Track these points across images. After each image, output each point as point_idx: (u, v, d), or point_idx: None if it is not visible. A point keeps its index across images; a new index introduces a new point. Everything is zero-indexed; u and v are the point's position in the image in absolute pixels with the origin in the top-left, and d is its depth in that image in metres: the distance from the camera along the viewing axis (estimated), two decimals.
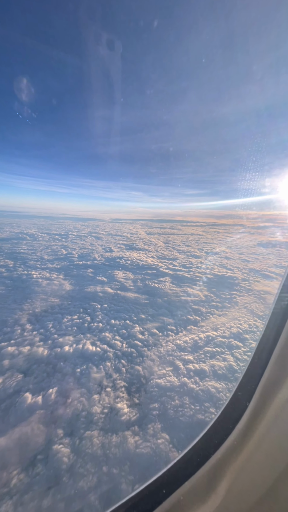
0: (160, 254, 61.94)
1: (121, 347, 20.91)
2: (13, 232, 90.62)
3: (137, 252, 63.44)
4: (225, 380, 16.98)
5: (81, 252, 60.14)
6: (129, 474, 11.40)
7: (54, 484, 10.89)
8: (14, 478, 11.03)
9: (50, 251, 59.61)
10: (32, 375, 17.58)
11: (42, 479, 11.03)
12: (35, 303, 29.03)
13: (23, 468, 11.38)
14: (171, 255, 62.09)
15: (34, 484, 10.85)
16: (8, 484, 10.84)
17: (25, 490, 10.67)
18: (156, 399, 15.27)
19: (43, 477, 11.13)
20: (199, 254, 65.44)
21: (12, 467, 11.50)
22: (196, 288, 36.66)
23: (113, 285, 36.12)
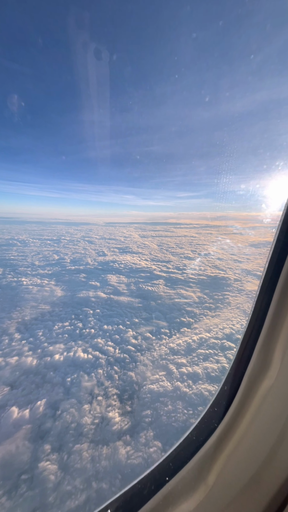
0: (154, 257, 61.68)
1: (113, 353, 20.32)
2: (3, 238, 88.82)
3: (131, 255, 63.00)
4: (218, 382, 16.57)
5: (74, 257, 59.23)
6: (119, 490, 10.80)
7: (39, 506, 10.19)
8: None
9: (41, 256, 58.48)
10: (20, 387, 16.78)
11: (26, 502, 10.31)
12: (24, 311, 28.12)
13: (6, 491, 10.63)
14: (165, 257, 61.95)
15: (17, 507, 10.13)
16: None
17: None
18: (149, 405, 14.77)
19: (27, 499, 10.41)
20: (192, 256, 65.64)
21: None
22: (190, 290, 36.46)
23: (106, 289, 35.50)
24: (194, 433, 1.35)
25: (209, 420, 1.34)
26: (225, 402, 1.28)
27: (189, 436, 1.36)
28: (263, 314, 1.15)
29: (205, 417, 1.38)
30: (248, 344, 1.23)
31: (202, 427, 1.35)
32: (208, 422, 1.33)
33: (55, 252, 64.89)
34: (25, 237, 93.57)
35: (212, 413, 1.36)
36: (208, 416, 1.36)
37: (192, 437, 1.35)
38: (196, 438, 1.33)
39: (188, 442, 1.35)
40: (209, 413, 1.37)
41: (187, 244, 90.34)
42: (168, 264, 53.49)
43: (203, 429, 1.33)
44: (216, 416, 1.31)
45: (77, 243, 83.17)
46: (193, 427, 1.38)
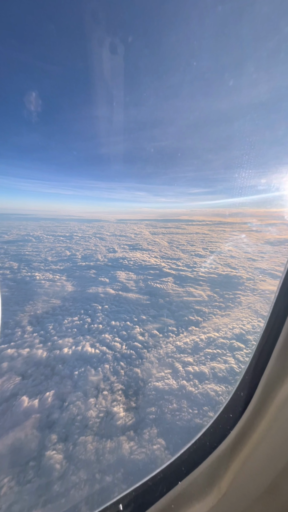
0: (164, 254, 61.29)
1: (120, 348, 20.54)
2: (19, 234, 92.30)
3: (141, 252, 63.03)
4: (225, 383, 16.31)
5: (85, 253, 60.32)
6: (123, 483, 10.98)
7: (44, 492, 10.61)
8: (5, 486, 10.82)
9: (54, 252, 60.14)
10: (30, 377, 17.46)
11: (33, 487, 10.77)
12: (36, 305, 29.12)
13: (14, 476, 11.16)
14: (175, 254, 61.34)
15: (24, 492, 10.61)
16: None
17: (15, 499, 10.43)
18: (154, 402, 14.79)
19: (34, 484, 10.87)
20: (204, 254, 64.41)
21: (3, 474, 11.30)
22: (199, 288, 35.87)
23: (115, 285, 35.85)
24: (206, 436, 1.33)
25: (222, 424, 1.31)
26: (239, 407, 1.24)
27: (201, 439, 1.33)
28: (282, 316, 1.11)
29: (218, 421, 1.34)
30: (265, 347, 1.18)
31: (214, 431, 1.32)
32: (221, 426, 1.30)
33: (67, 248, 66.44)
34: (40, 233, 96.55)
35: (225, 417, 1.32)
36: (221, 419, 1.33)
37: (204, 439, 1.32)
38: (208, 441, 1.30)
39: (199, 444, 1.31)
40: (222, 416, 1.34)
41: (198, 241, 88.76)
42: (178, 261, 52.94)
43: (215, 432, 1.30)
44: (229, 420, 1.27)
45: (89, 239, 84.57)
46: (205, 429, 1.35)
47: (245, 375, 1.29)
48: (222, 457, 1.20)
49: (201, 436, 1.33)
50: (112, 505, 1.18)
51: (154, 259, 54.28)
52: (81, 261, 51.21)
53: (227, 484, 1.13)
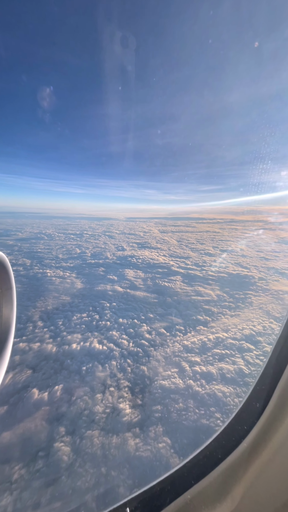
0: (173, 253, 60.87)
1: (127, 346, 20.71)
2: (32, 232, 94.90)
3: (149, 250, 62.99)
4: (233, 385, 16.02)
5: (94, 251, 61.15)
6: (128, 478, 11.12)
7: (53, 482, 10.96)
8: (16, 473, 11.28)
9: (65, 250, 61.41)
10: (40, 371, 18.02)
11: (42, 476, 11.16)
12: (47, 301, 29.93)
13: (25, 464, 11.61)
14: (184, 253, 60.75)
15: (34, 480, 11.01)
16: (10, 479, 11.11)
17: (25, 486, 10.86)
18: (160, 401, 14.82)
19: (43, 474, 11.25)
20: (214, 252, 63.32)
21: (15, 462, 11.80)
22: (208, 288, 35.35)
23: (123, 283, 36.10)
24: (218, 442, 1.27)
25: (235, 431, 1.26)
26: (254, 414, 1.19)
27: (212, 444, 1.28)
28: None
29: (231, 427, 1.29)
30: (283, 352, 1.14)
31: (227, 437, 1.27)
32: (235, 433, 1.25)
33: (78, 246, 67.61)
34: (52, 231, 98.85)
35: (239, 423, 1.27)
36: (235, 426, 1.28)
37: (215, 446, 1.27)
38: (220, 448, 1.24)
39: (211, 450, 1.26)
40: (235, 423, 1.29)
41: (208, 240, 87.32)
42: (187, 260, 52.40)
43: (228, 439, 1.25)
44: (243, 427, 1.22)
45: (98, 237, 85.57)
46: (216, 435, 1.30)
47: (259, 380, 1.23)
48: (235, 466, 1.15)
49: (213, 442, 1.29)
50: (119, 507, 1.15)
51: (162, 258, 54.06)
52: (91, 259, 51.97)
53: (241, 495, 1.09)
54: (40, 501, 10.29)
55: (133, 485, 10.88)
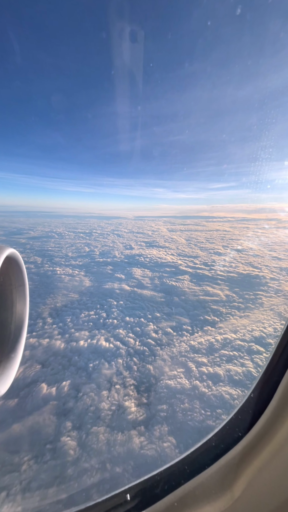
0: (181, 252, 60.36)
1: (134, 344, 20.81)
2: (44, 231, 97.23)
3: (157, 249, 62.81)
4: (241, 387, 15.70)
5: (103, 249, 61.79)
6: (132, 476, 11.20)
7: (59, 475, 11.25)
8: (25, 464, 11.67)
9: (74, 248, 62.48)
10: (49, 366, 18.49)
11: (49, 468, 11.48)
12: (56, 298, 30.61)
13: (33, 455, 11.98)
14: (192, 252, 60.09)
15: (41, 472, 11.35)
16: (19, 469, 11.51)
17: (34, 477, 11.22)
18: (165, 400, 14.80)
19: (50, 466, 11.57)
20: (223, 252, 62.19)
21: (24, 453, 12.20)
22: (217, 287, 34.78)
23: (131, 282, 36.25)
24: (219, 437, 1.26)
25: (237, 426, 1.25)
26: (256, 409, 1.18)
27: (213, 439, 1.27)
28: None
29: (232, 422, 1.28)
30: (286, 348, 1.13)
31: (228, 432, 1.26)
32: (236, 428, 1.24)
33: (87, 244, 68.57)
34: (62, 230, 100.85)
35: (241, 418, 1.26)
36: (236, 421, 1.27)
37: (216, 440, 1.26)
38: (221, 442, 1.24)
39: (211, 444, 1.26)
40: (237, 417, 1.28)
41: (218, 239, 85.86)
42: (195, 259, 51.79)
43: (229, 434, 1.24)
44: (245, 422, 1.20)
45: (107, 236, 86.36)
46: (218, 429, 1.29)
47: (263, 375, 1.21)
48: (236, 460, 1.14)
49: (214, 436, 1.27)
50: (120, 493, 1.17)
51: (170, 257, 53.74)
52: (99, 257, 52.56)
53: (241, 490, 1.08)
54: (47, 493, 10.60)
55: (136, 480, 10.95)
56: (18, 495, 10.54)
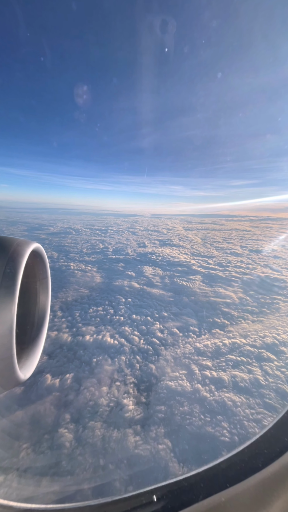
0: (195, 251, 58.86)
1: (138, 342, 20.68)
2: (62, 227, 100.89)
3: (171, 248, 61.89)
4: (246, 395, 14.81)
5: (116, 246, 62.41)
6: (125, 474, 11.11)
7: (54, 465, 11.51)
8: (23, 451, 12.12)
9: (89, 245, 63.94)
10: (55, 358, 19.06)
11: (46, 458, 11.80)
12: (68, 292, 31.52)
13: (32, 444, 12.40)
14: (207, 252, 58.32)
15: (38, 460, 11.71)
16: (17, 455, 11.99)
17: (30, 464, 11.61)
18: (164, 401, 14.47)
19: (47, 455, 11.89)
20: (241, 252, 59.55)
21: (23, 440, 12.69)
22: (230, 289, 33.31)
23: (140, 280, 36.12)
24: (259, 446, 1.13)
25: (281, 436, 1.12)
26: None
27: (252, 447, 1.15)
28: None
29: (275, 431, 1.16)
30: None
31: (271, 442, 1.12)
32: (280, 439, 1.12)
33: (101, 241, 69.80)
34: (79, 227, 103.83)
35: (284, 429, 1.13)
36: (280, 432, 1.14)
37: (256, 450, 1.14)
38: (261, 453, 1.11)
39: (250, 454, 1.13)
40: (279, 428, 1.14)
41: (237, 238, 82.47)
42: (209, 259, 50.17)
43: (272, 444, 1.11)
44: None
45: (122, 233, 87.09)
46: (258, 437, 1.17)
47: None
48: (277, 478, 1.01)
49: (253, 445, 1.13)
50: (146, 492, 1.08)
51: (183, 256, 52.63)
52: (112, 254, 53.15)
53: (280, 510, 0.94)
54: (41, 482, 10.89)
55: (128, 481, 10.83)
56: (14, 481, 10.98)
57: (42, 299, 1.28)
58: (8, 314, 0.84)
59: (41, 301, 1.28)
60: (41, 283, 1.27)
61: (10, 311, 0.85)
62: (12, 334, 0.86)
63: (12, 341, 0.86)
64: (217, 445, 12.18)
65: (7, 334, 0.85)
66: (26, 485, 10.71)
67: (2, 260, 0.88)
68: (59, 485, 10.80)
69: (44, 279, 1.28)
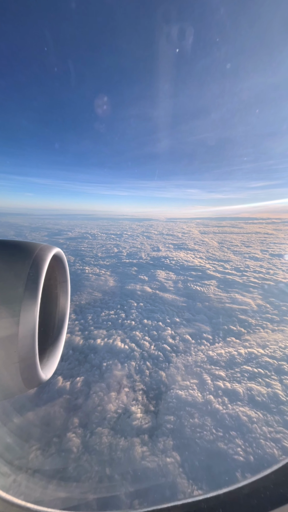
0: (211, 255, 57.18)
1: (148, 348, 20.29)
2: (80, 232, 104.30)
3: (185, 252, 60.80)
4: (263, 410, 13.70)
5: (130, 250, 62.80)
6: (130, 486, 10.74)
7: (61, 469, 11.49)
8: (33, 453, 12.28)
9: (104, 249, 65.15)
10: (67, 360, 19.34)
11: (54, 461, 11.83)
12: (82, 296, 32.15)
13: (41, 446, 12.54)
14: (224, 256, 56.35)
15: (46, 463, 11.78)
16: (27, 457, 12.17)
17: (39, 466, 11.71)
18: (173, 411, 13.89)
19: (55, 459, 11.92)
20: (261, 256, 56.69)
21: (33, 441, 12.88)
22: (248, 296, 31.64)
23: (153, 284, 35.75)
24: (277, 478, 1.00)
25: None
26: None
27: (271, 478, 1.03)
28: None
29: None
30: None
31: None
32: None
33: (116, 245, 70.77)
34: (96, 232, 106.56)
35: None
36: None
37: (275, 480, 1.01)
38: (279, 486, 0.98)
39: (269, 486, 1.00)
40: None
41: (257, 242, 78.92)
42: (226, 264, 48.37)
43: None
44: None
45: (136, 238, 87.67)
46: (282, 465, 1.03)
47: None
48: None
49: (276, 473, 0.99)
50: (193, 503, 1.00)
51: (198, 260, 51.33)
52: (126, 258, 53.51)
53: None
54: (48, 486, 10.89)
55: (133, 493, 10.44)
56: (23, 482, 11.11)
57: (62, 301, 1.35)
58: (32, 315, 0.88)
59: (61, 303, 1.35)
60: (61, 286, 1.34)
61: (33, 312, 0.88)
62: (34, 335, 0.89)
63: (34, 342, 0.89)
64: (230, 464, 11.34)
65: (31, 334, 0.88)
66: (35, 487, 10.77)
67: (27, 264, 0.94)
68: (65, 491, 10.72)
69: (64, 283, 1.34)
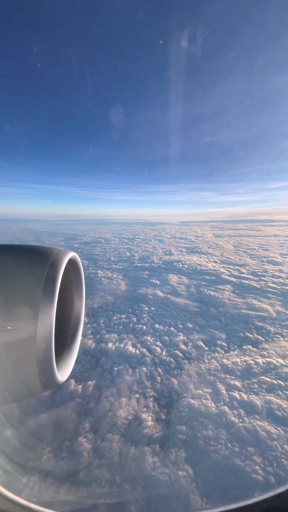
0: (225, 259, 55.54)
1: (160, 354, 19.91)
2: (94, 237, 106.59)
3: (198, 256, 59.61)
4: (285, 426, 12.74)
5: (142, 254, 62.84)
6: (141, 497, 10.40)
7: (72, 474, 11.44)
8: (45, 455, 12.39)
9: (117, 253, 65.83)
10: (80, 364, 19.50)
11: (65, 465, 11.83)
12: (94, 299, 32.54)
13: (53, 449, 12.61)
14: (240, 260, 54.47)
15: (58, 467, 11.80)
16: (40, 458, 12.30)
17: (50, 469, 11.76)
18: (186, 421, 13.37)
19: (66, 463, 11.91)
20: (280, 260, 54.09)
21: (45, 444, 13.00)
22: (265, 301, 30.14)
23: (165, 288, 35.31)
24: None
25: None
26: None
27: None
28: None
29: None
30: None
31: None
32: None
33: (128, 249, 71.23)
34: (109, 236, 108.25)
35: None
36: None
37: None
38: None
39: None
40: None
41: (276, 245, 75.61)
42: (242, 268, 46.65)
43: None
44: None
45: (149, 242, 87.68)
46: None
47: None
48: None
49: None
50: None
51: (212, 264, 50.02)
52: (138, 262, 53.57)
53: None
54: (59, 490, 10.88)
55: (144, 507, 10.08)
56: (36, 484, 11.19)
57: (77, 304, 1.37)
58: (49, 317, 0.90)
59: (77, 307, 1.37)
60: (76, 290, 1.36)
61: (50, 315, 0.90)
62: (51, 336, 0.91)
63: (51, 344, 0.91)
64: (248, 483, 10.62)
65: (48, 336, 0.90)
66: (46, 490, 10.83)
67: (44, 267, 0.97)
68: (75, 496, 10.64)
69: (79, 286, 1.37)
